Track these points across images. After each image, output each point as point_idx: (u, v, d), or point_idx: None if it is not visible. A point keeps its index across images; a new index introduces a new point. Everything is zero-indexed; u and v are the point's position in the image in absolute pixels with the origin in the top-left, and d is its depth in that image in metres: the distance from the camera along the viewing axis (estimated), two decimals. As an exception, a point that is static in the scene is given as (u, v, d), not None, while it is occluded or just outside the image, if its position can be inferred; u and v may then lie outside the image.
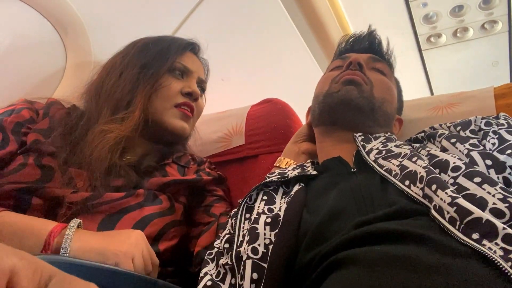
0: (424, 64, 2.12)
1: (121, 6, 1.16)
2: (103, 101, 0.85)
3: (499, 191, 0.48)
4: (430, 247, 0.43)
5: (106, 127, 0.80)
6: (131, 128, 0.82)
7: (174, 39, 0.96)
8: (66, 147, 0.77)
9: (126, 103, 0.84)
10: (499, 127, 0.65)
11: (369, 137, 0.75)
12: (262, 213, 0.63)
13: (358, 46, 0.94)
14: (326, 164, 0.76)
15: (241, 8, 1.43)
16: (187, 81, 0.93)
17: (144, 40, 0.95)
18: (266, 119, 1.14)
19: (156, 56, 0.90)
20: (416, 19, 1.82)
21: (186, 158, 0.97)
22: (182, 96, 0.91)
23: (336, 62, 0.91)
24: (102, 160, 0.75)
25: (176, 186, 0.86)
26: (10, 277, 0.29)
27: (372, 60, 0.88)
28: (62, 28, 1.04)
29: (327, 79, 0.86)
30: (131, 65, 0.89)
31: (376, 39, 0.94)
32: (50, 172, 0.74)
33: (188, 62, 0.94)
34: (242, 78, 1.56)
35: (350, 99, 0.77)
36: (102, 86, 0.88)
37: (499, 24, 1.87)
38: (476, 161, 0.57)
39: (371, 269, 0.43)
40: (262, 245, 0.57)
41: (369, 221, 0.52)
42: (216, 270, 0.61)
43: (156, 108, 0.87)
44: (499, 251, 0.40)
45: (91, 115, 0.84)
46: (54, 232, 0.62)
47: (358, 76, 0.80)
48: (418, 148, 0.68)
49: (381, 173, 0.62)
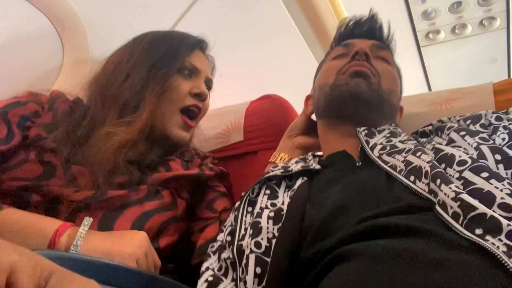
0: (422, 61, 2.12)
1: (118, 1, 1.15)
2: (110, 102, 0.83)
3: (507, 186, 0.48)
4: (434, 242, 0.43)
5: (112, 130, 0.78)
6: (138, 132, 0.81)
7: (183, 36, 0.94)
8: (68, 145, 0.76)
9: (133, 106, 0.83)
10: (509, 122, 0.65)
11: (373, 131, 0.74)
12: (265, 208, 0.63)
13: (359, 30, 0.90)
14: (330, 158, 0.75)
15: (240, 3, 1.43)
16: (195, 81, 0.91)
17: (151, 35, 0.92)
18: (265, 115, 1.13)
19: (165, 55, 0.87)
20: (415, 15, 1.82)
21: (189, 153, 0.96)
22: (191, 97, 0.89)
23: (338, 50, 0.88)
24: (106, 162, 0.75)
25: (178, 181, 0.85)
26: (10, 273, 0.28)
27: (376, 47, 0.85)
28: (59, 23, 1.03)
29: (332, 69, 0.82)
30: (139, 64, 0.86)
31: (377, 23, 0.91)
32: (51, 168, 0.73)
33: (197, 62, 0.92)
34: (240, 74, 1.55)
35: (360, 93, 0.75)
36: (108, 85, 0.85)
37: (497, 20, 1.87)
38: (485, 155, 0.57)
39: (374, 263, 0.43)
40: (265, 239, 0.56)
41: (375, 216, 0.51)
42: (219, 263, 0.61)
43: (163, 111, 0.86)
44: (502, 246, 0.40)
45: (95, 116, 0.82)
46: (60, 231, 0.62)
47: (366, 68, 0.77)
48: (424, 142, 0.67)
49: (386, 169, 0.62)
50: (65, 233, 0.63)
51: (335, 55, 0.87)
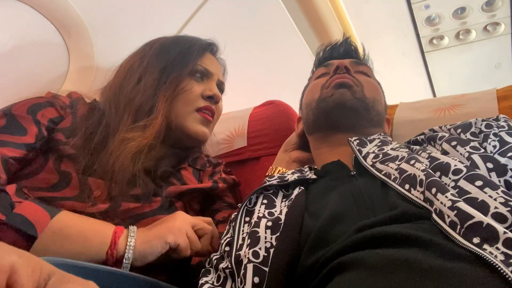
0: (426, 66, 2.12)
1: (124, 9, 1.16)
2: (123, 107, 0.82)
3: (500, 195, 0.48)
4: (432, 251, 0.43)
5: (128, 135, 0.77)
6: (154, 136, 0.80)
7: (193, 40, 0.94)
8: (86, 154, 0.75)
9: (147, 109, 0.82)
10: (499, 129, 0.65)
11: (364, 140, 0.75)
12: (263, 217, 0.63)
13: (336, 52, 0.96)
14: (325, 168, 0.75)
15: (243, 10, 1.44)
16: (207, 83, 0.91)
17: (161, 40, 0.92)
18: (268, 121, 1.14)
19: (176, 59, 0.87)
20: (419, 21, 1.82)
21: (201, 160, 0.96)
22: (203, 99, 0.89)
23: (320, 70, 0.92)
24: (125, 170, 0.74)
25: (192, 194, 0.85)
26: (10, 275, 0.29)
27: (355, 63, 0.90)
28: (65, 30, 1.05)
29: (316, 86, 0.86)
30: (150, 68, 0.86)
31: (352, 45, 0.97)
32: (67, 178, 0.73)
33: (208, 64, 0.92)
34: (244, 80, 1.56)
35: (345, 101, 0.78)
36: (121, 90, 0.85)
37: (501, 26, 1.86)
38: (477, 164, 0.57)
39: (373, 272, 0.43)
40: (263, 249, 0.56)
41: (371, 224, 0.51)
42: (216, 274, 0.61)
43: (177, 113, 0.85)
44: (500, 255, 0.40)
45: (110, 121, 0.81)
46: (118, 232, 0.65)
47: (348, 79, 0.81)
48: (418, 150, 0.67)
49: (380, 178, 0.62)
50: (123, 234, 0.65)
51: (318, 75, 0.91)
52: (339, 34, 1.67)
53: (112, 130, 0.80)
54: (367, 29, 1.74)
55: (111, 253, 0.62)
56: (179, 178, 0.86)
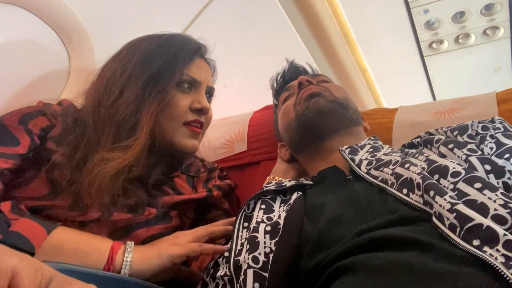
0: (426, 70, 2.12)
1: (125, 15, 1.17)
2: (102, 123, 0.76)
3: (500, 197, 0.48)
4: (433, 254, 0.43)
5: (107, 156, 0.71)
6: (135, 157, 0.74)
7: (180, 44, 0.86)
8: (72, 166, 0.72)
9: (129, 128, 0.76)
10: (495, 131, 0.65)
11: (355, 148, 0.76)
12: (262, 222, 0.63)
13: (289, 77, 1.00)
14: (322, 173, 0.76)
15: (244, 15, 1.45)
16: (196, 94, 0.85)
17: (146, 44, 0.85)
18: (268, 125, 1.14)
19: (161, 68, 0.81)
20: (418, 25, 1.82)
21: (195, 166, 0.93)
22: (192, 113, 0.83)
23: (284, 95, 0.95)
24: (103, 191, 0.69)
25: (187, 204, 0.84)
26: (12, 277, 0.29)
27: (312, 76, 0.94)
28: (65, 35, 1.05)
29: (288, 108, 0.88)
30: (133, 79, 0.79)
31: (299, 66, 1.02)
32: (58, 187, 0.71)
33: (196, 72, 0.85)
34: (244, 84, 1.56)
35: (321, 107, 0.81)
36: (101, 104, 0.78)
37: (501, 30, 1.87)
38: (475, 166, 0.57)
39: (374, 276, 0.43)
40: (263, 254, 0.56)
41: (372, 228, 0.51)
42: (214, 283, 0.60)
43: (163, 128, 0.80)
44: (500, 257, 0.40)
45: (90, 137, 0.76)
46: (116, 247, 0.65)
47: (315, 88, 0.84)
48: (415, 153, 0.67)
49: (377, 184, 0.62)
50: (120, 250, 0.65)
51: (283, 100, 0.94)
52: (339, 39, 1.67)
53: (91, 148, 0.75)
54: (366, 34, 1.75)
55: (108, 269, 0.62)
56: (172, 187, 0.84)
